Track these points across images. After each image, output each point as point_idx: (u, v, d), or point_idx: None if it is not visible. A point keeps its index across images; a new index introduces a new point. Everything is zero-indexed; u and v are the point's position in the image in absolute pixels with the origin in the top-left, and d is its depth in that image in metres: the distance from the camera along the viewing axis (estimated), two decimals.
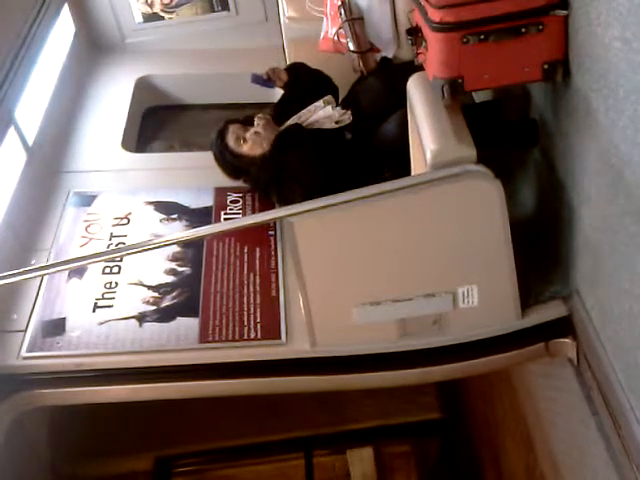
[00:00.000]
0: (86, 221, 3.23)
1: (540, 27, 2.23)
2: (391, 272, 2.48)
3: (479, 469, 4.48)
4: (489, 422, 4.14)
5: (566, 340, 2.57)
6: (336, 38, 3.30)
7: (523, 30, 2.23)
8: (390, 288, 2.50)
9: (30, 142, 3.42)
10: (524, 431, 3.41)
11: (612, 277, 2.20)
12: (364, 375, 2.64)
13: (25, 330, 2.78)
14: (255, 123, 3.09)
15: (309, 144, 2.98)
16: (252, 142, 3.07)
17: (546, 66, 2.29)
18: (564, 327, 2.56)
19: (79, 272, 2.96)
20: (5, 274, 2.27)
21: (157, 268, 2.99)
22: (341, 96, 3.27)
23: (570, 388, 2.63)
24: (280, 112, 3.24)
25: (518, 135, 2.77)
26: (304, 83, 3.27)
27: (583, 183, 2.32)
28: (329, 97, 3.17)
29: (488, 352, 2.60)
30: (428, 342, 2.58)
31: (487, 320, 2.55)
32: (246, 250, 3.03)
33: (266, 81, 3.27)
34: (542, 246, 2.70)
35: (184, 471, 4.55)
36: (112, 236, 3.15)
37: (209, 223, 3.16)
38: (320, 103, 3.13)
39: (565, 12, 2.21)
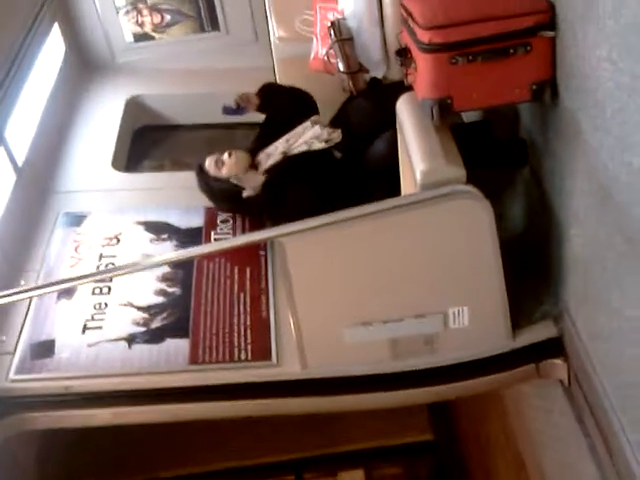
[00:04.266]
0: (76, 241, 3.22)
1: (528, 48, 2.25)
2: (382, 292, 2.47)
3: None
4: (481, 443, 4.12)
5: (557, 361, 2.56)
6: (326, 58, 3.31)
7: (511, 51, 2.25)
8: (381, 308, 2.49)
9: (20, 162, 3.41)
10: (516, 452, 3.39)
11: (602, 297, 2.20)
12: (355, 396, 2.62)
13: (14, 352, 2.76)
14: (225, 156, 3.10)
15: (304, 182, 2.96)
16: (229, 165, 3.08)
17: (534, 86, 2.31)
18: (555, 348, 2.56)
19: (68, 293, 2.94)
20: None
21: (147, 289, 2.98)
22: (331, 115, 3.28)
23: (561, 409, 2.62)
24: (266, 134, 3.24)
25: (507, 154, 2.78)
26: (279, 102, 3.28)
27: (572, 202, 2.33)
28: (316, 117, 3.18)
29: (479, 373, 2.59)
30: (419, 363, 2.57)
31: (478, 341, 2.55)
32: (236, 270, 3.02)
33: (236, 110, 3.23)
34: (532, 265, 2.70)
35: None
36: (102, 256, 3.13)
37: (199, 243, 3.15)
38: (308, 124, 3.14)
39: (552, 33, 2.23)
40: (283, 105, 3.27)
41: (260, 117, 3.43)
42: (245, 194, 3.03)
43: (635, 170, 1.83)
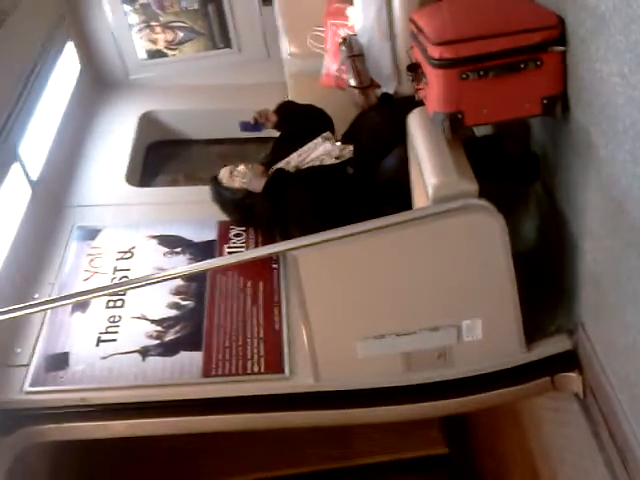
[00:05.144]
0: (90, 255, 3.24)
1: (538, 63, 2.26)
2: (395, 305, 2.48)
3: None
4: (496, 456, 4.09)
5: (572, 374, 2.55)
6: (338, 74, 3.35)
7: (522, 66, 2.26)
8: (394, 321, 2.49)
9: (35, 177, 3.45)
10: (531, 466, 3.36)
11: (616, 310, 2.20)
12: (369, 409, 2.62)
13: (28, 364, 2.77)
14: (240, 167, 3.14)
15: (303, 185, 3.00)
16: (243, 175, 3.11)
17: (545, 101, 2.32)
18: (569, 361, 2.55)
19: (82, 306, 2.96)
20: (9, 308, 2.28)
21: (160, 302, 2.99)
22: (342, 130, 3.30)
23: (577, 423, 2.60)
24: (279, 150, 3.27)
25: (519, 169, 2.79)
26: (296, 120, 3.33)
27: (585, 216, 2.34)
28: (327, 133, 3.21)
29: (493, 386, 2.58)
30: (433, 376, 2.57)
31: (492, 354, 2.54)
32: (249, 283, 3.04)
33: (254, 125, 3.31)
34: (546, 279, 2.70)
35: None
36: (116, 270, 3.16)
37: (212, 256, 3.17)
38: (319, 140, 3.17)
39: (563, 48, 2.24)
40: (300, 123, 3.30)
41: (273, 133, 3.47)
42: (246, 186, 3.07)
43: None
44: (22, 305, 2.39)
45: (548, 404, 2.94)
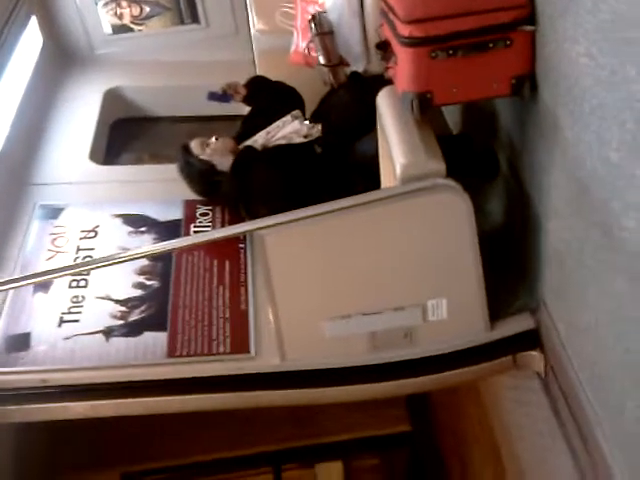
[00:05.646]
0: (52, 234, 3.17)
1: (508, 42, 2.26)
2: (361, 285, 2.48)
3: None
4: (457, 434, 4.15)
5: (534, 353, 2.58)
6: (306, 51, 3.31)
7: (491, 45, 2.26)
8: (360, 301, 2.50)
9: None
10: (492, 443, 3.42)
11: (578, 290, 2.22)
12: (334, 389, 2.62)
13: None
14: (212, 139, 3.11)
15: (270, 164, 2.97)
16: (214, 147, 3.07)
17: (514, 81, 2.32)
18: (532, 340, 2.58)
19: (45, 286, 2.90)
20: None
21: (125, 282, 2.95)
22: (311, 109, 3.28)
23: (538, 401, 2.64)
24: (248, 126, 3.24)
25: (479, 166, 2.81)
26: (266, 96, 3.29)
27: (550, 196, 2.35)
28: (297, 112, 3.18)
29: (457, 365, 2.60)
30: (398, 355, 2.57)
31: (456, 333, 2.56)
32: (215, 263, 3.01)
33: (222, 96, 3.26)
34: (510, 258, 2.72)
35: None
36: (79, 249, 3.10)
37: (178, 236, 3.13)
38: (288, 118, 3.14)
39: (532, 28, 2.24)
40: (269, 99, 3.27)
41: (241, 110, 3.43)
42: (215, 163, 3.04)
43: (612, 165, 1.86)
44: None
45: (509, 382, 2.98)
